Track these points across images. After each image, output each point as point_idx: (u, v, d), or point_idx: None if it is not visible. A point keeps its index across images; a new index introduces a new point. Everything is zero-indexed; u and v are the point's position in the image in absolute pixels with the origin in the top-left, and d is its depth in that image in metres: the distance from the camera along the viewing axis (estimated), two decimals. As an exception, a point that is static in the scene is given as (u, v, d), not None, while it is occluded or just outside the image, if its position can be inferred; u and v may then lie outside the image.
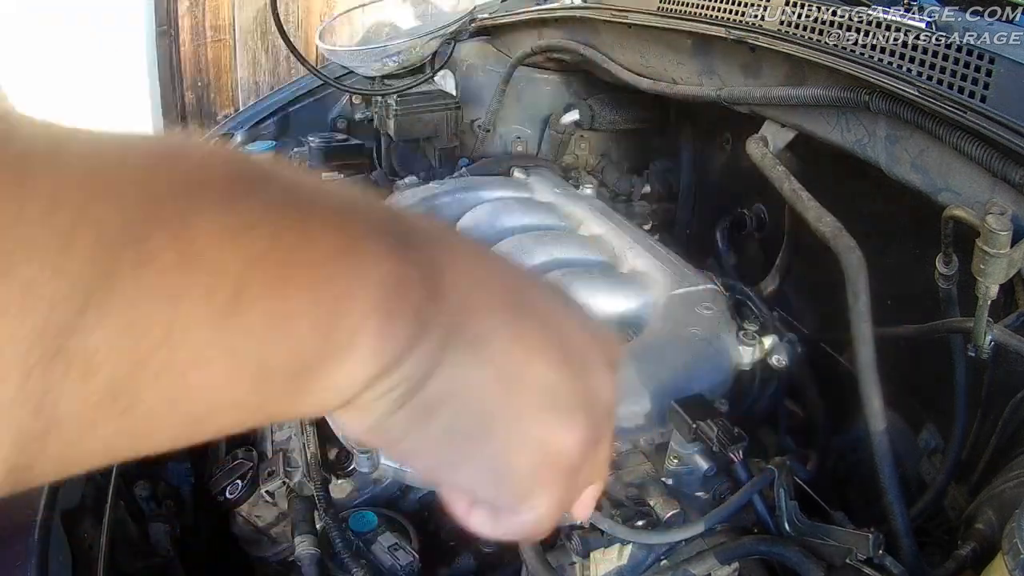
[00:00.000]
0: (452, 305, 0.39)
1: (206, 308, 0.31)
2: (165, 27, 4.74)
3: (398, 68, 2.11)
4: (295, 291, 0.33)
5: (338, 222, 0.36)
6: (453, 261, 0.41)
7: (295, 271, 0.33)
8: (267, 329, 0.33)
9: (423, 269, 0.38)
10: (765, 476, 0.85)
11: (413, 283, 0.38)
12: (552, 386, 0.42)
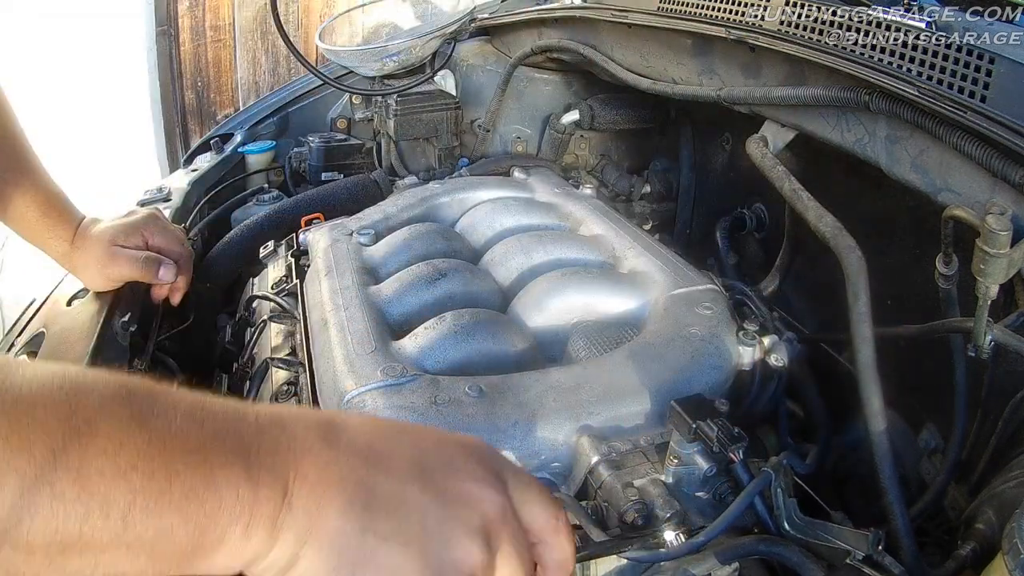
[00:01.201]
0: (299, 512, 0.51)
1: (104, 523, 0.46)
2: (165, 27, 4.74)
3: (398, 68, 2.11)
4: (170, 513, 0.47)
5: (199, 457, 0.49)
6: (302, 469, 0.53)
7: (168, 497, 0.47)
8: (153, 535, 0.47)
9: (274, 484, 0.51)
10: (761, 480, 0.85)
11: (264, 499, 0.50)
12: (398, 568, 0.53)
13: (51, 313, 1.38)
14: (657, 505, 0.85)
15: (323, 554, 0.52)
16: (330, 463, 0.54)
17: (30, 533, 0.44)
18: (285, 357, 1.30)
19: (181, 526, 0.47)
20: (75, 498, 0.45)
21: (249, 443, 0.52)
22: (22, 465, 0.44)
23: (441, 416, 0.97)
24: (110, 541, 0.46)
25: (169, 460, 0.48)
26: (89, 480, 0.45)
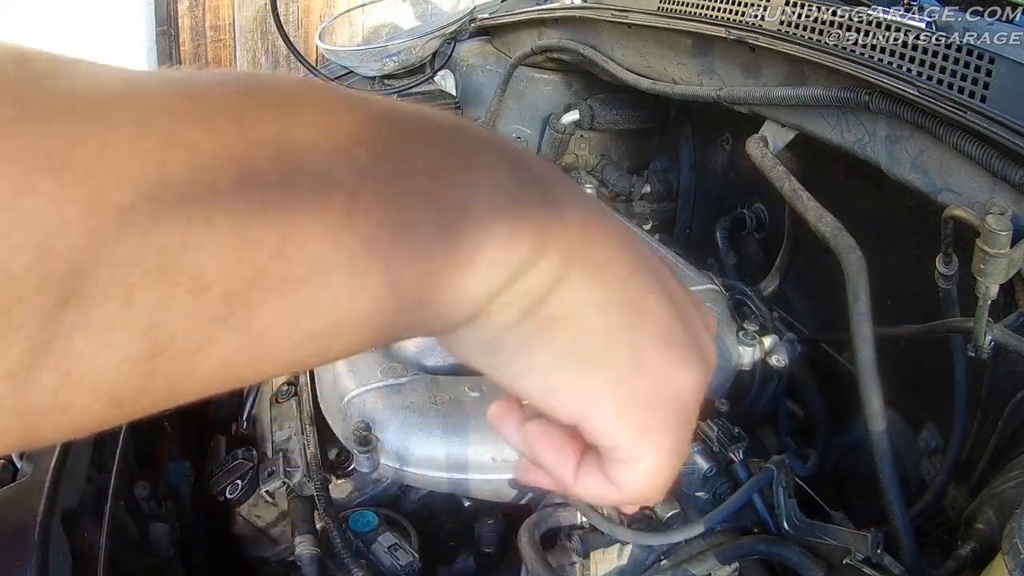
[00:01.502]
0: (572, 224, 0.38)
1: (320, 219, 0.30)
2: (165, 27, 4.74)
3: (398, 68, 2.11)
4: (412, 199, 0.32)
5: (443, 135, 0.35)
6: (566, 192, 0.39)
7: (409, 181, 0.32)
8: (388, 238, 0.31)
9: (538, 185, 0.37)
10: (764, 475, 0.85)
11: (532, 195, 0.37)
12: (669, 324, 0.41)
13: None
14: (657, 505, 0.85)
15: (593, 281, 0.39)
16: (592, 206, 0.41)
17: (203, 248, 0.28)
18: (285, 357, 1.30)
19: (427, 220, 0.33)
20: (278, 180, 0.29)
21: (504, 145, 0.38)
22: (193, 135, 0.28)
23: (441, 415, 0.97)
24: (323, 257, 0.30)
25: (401, 134, 0.34)
26: (297, 156, 0.29)
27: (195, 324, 0.28)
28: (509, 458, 0.96)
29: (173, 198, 0.27)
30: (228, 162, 0.28)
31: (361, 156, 0.31)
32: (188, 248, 0.27)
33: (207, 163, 0.27)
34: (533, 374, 0.39)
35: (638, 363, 0.39)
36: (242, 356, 0.30)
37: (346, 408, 1.02)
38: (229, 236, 0.28)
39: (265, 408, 1.30)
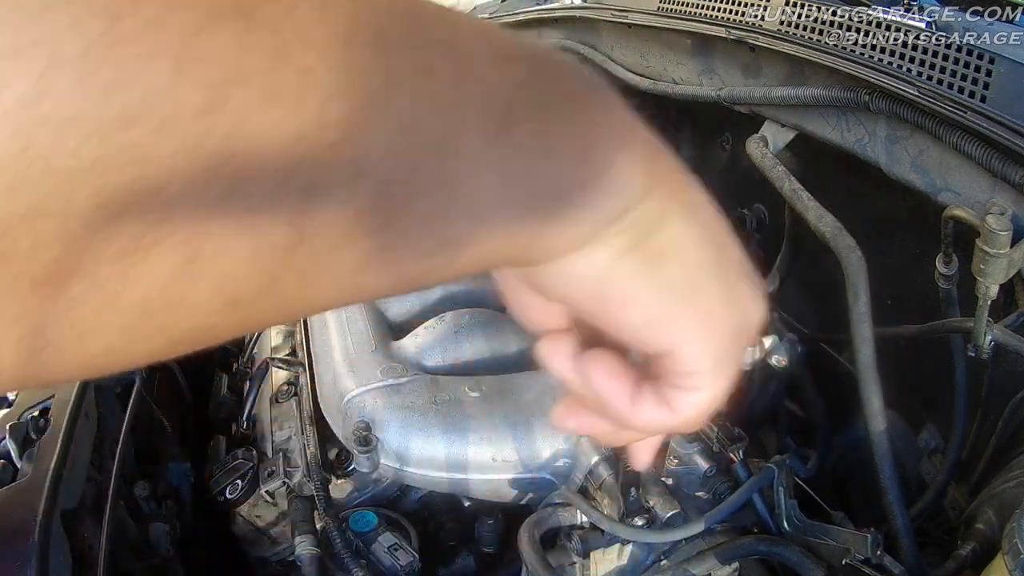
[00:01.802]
0: (670, 168, 0.41)
1: (479, 121, 0.31)
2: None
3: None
4: (555, 116, 0.34)
5: (573, 67, 0.37)
6: (656, 137, 0.41)
7: (553, 100, 0.34)
8: (533, 148, 0.33)
9: (642, 129, 0.40)
10: (765, 475, 0.85)
11: (641, 135, 0.39)
12: (743, 261, 0.46)
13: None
14: (657, 505, 0.85)
15: (691, 219, 0.42)
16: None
17: (371, 130, 0.29)
18: (285, 357, 1.30)
19: (566, 137, 0.35)
20: (449, 77, 0.31)
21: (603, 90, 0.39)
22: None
23: (441, 415, 0.97)
24: (479, 156, 0.32)
25: (544, 60, 0.36)
26: (466, 59, 0.32)
27: (343, 218, 0.28)
28: (509, 458, 0.96)
29: (352, 74, 0.27)
30: (405, 50, 0.29)
31: (515, 72, 0.33)
32: (353, 126, 0.27)
33: (385, 48, 0.28)
34: (635, 305, 0.40)
35: (729, 296, 0.44)
36: (385, 256, 0.31)
37: (346, 408, 1.02)
38: (396, 123, 0.28)
39: (265, 408, 1.30)
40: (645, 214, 0.39)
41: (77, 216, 0.23)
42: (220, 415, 1.43)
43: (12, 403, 1.16)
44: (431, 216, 0.31)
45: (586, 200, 0.36)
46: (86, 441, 1.07)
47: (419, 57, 0.29)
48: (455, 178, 0.31)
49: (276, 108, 0.25)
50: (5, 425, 1.05)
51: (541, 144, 0.33)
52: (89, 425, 1.10)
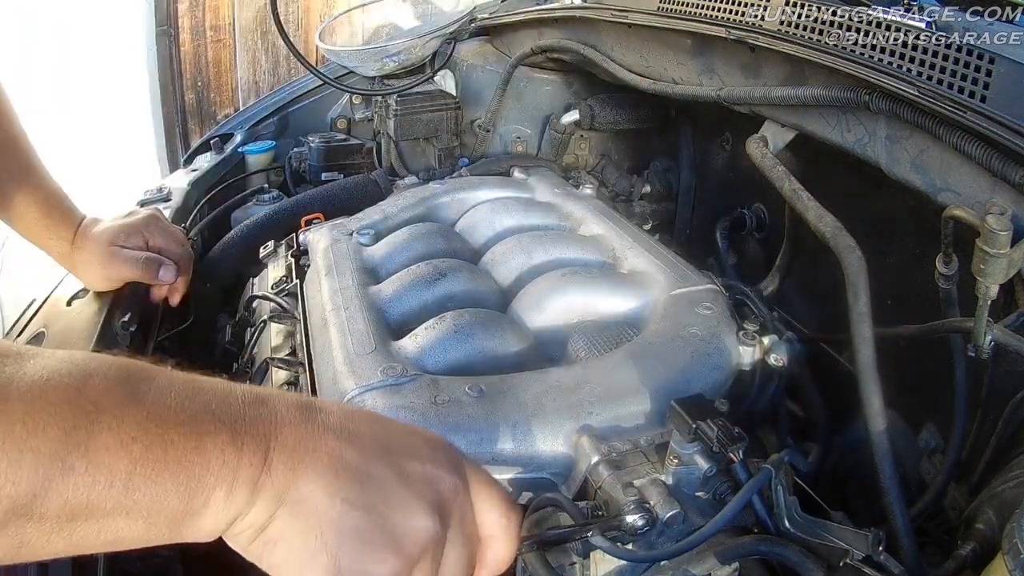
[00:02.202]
0: (277, 475, 0.58)
1: (108, 492, 0.52)
2: (165, 27, 4.74)
3: (398, 68, 2.11)
4: (165, 478, 0.54)
5: (191, 428, 0.56)
6: (282, 438, 0.60)
7: (163, 464, 0.54)
8: (150, 500, 0.54)
9: (256, 450, 0.58)
10: (761, 477, 0.85)
11: (246, 463, 0.57)
12: (361, 531, 0.59)
13: (51, 313, 1.38)
14: (657, 505, 0.85)
15: (295, 516, 0.59)
16: (306, 435, 0.61)
17: (43, 505, 0.51)
18: (285, 357, 1.30)
19: (174, 490, 0.54)
20: (84, 471, 0.51)
21: (235, 415, 0.59)
22: (37, 444, 0.50)
23: (441, 416, 0.97)
24: (113, 508, 0.53)
25: (164, 432, 0.55)
26: (96, 454, 0.52)
27: (39, 537, 0.53)
28: (509, 458, 0.96)
29: (29, 479, 0.51)
30: (54, 461, 0.51)
31: (133, 453, 0.53)
32: (40, 504, 0.52)
33: (44, 465, 0.51)
34: (275, 567, 0.61)
35: (336, 570, 0.59)
36: (64, 549, 0.54)
37: (346, 408, 1.02)
38: (61, 499, 0.52)
39: (265, 408, 1.30)
40: (255, 518, 0.58)
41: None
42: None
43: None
44: (91, 536, 0.55)
45: (194, 522, 0.57)
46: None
47: (64, 464, 0.51)
48: (100, 521, 0.55)
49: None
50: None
51: (154, 497, 0.54)
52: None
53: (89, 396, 0.53)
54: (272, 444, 0.59)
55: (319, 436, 0.62)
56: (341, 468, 0.61)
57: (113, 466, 0.52)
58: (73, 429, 0.51)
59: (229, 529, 0.59)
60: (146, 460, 0.53)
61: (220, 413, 0.58)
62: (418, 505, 0.63)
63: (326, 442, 0.62)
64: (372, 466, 0.62)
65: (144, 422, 0.54)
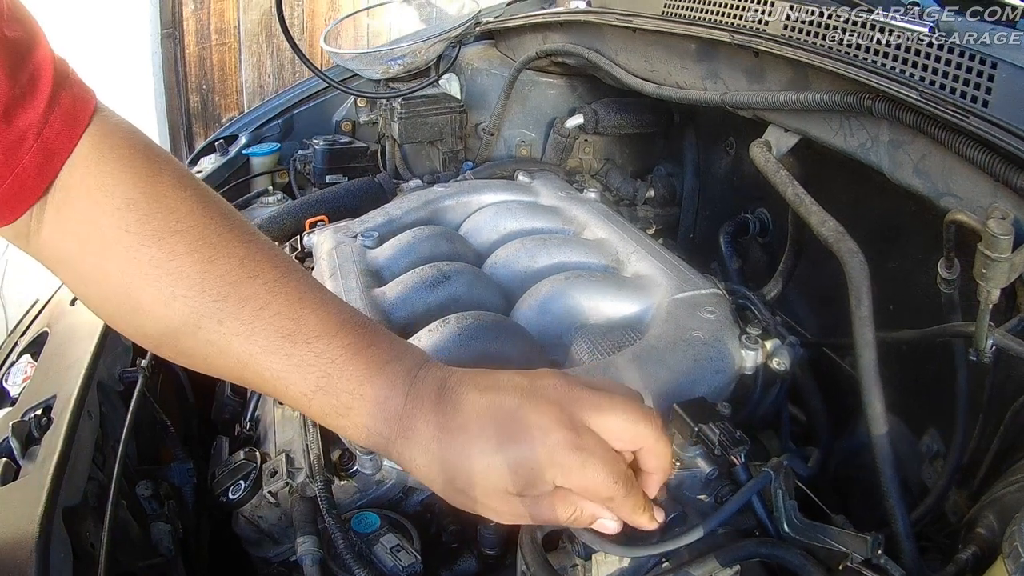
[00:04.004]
0: (408, 419, 0.73)
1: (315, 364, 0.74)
2: (170, 30, 4.75)
3: (403, 71, 2.12)
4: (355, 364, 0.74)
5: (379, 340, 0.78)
6: (420, 379, 0.75)
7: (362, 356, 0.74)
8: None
9: (400, 392, 0.74)
10: (761, 479, 0.85)
11: (393, 401, 0.73)
12: (504, 441, 0.70)
13: (54, 313, 1.39)
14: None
15: (417, 448, 0.73)
16: (445, 378, 0.76)
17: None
18: (288, 358, 1.30)
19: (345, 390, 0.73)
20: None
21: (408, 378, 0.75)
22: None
23: (443, 417, 0.97)
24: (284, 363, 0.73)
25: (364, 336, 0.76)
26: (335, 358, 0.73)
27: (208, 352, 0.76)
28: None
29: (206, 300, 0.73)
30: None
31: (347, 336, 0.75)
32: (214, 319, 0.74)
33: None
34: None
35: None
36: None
37: (349, 409, 1.02)
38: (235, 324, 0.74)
39: (269, 409, 1.30)
40: (387, 439, 0.74)
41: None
42: (223, 416, 1.43)
43: (15, 401, 1.17)
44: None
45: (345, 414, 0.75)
46: (88, 440, 1.08)
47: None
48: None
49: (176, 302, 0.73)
50: (7, 423, 1.05)
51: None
52: (91, 424, 1.11)
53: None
54: (413, 378, 0.75)
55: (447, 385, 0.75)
56: (455, 419, 0.73)
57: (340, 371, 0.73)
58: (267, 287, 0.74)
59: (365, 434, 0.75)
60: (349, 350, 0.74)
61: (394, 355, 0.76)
62: (544, 442, 0.70)
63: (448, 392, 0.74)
64: (505, 402, 0.72)
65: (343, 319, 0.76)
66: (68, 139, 0.70)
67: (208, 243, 0.73)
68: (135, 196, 0.72)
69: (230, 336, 0.72)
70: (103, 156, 0.72)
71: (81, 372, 1.15)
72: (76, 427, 1.04)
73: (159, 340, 0.76)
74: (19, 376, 1.26)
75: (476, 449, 0.70)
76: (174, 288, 0.71)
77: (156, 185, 0.73)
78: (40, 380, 1.19)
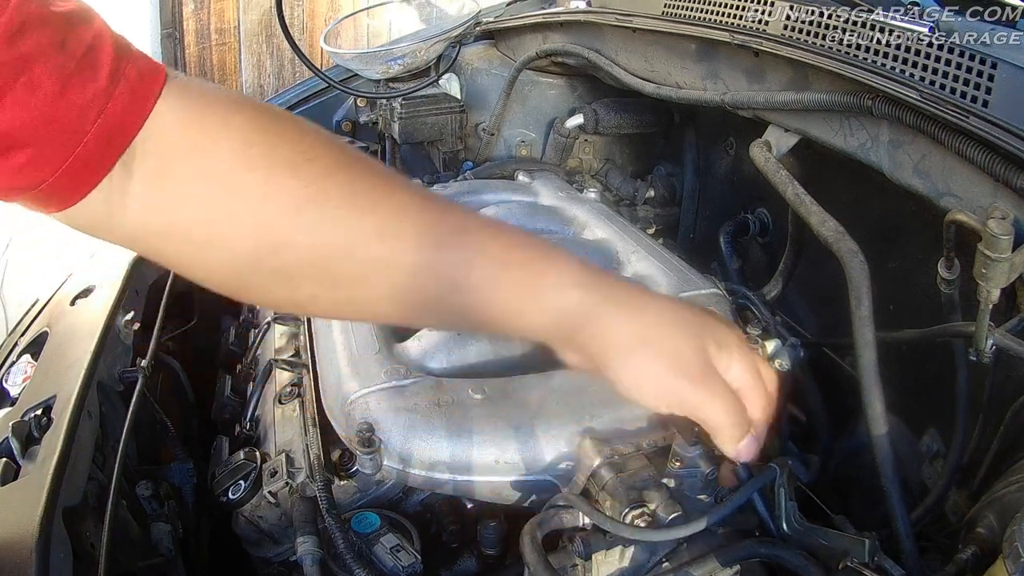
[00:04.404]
0: (601, 318, 0.78)
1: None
2: (170, 30, 4.75)
3: (403, 71, 2.12)
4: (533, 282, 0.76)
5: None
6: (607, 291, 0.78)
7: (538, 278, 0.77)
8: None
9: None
10: (767, 474, 0.85)
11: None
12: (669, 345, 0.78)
13: (55, 313, 1.39)
14: (659, 507, 0.85)
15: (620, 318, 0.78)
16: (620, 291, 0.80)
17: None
18: (289, 358, 1.30)
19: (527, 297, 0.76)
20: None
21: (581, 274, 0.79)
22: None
23: (444, 417, 0.97)
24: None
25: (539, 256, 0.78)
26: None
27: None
28: (512, 460, 0.96)
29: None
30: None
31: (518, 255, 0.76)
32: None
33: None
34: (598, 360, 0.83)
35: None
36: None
37: (349, 409, 1.03)
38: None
39: (269, 409, 1.30)
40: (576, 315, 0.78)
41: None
42: (223, 416, 1.43)
43: (15, 401, 1.17)
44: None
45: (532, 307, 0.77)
46: (88, 440, 1.08)
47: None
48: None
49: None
50: (7, 423, 1.05)
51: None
52: (91, 424, 1.11)
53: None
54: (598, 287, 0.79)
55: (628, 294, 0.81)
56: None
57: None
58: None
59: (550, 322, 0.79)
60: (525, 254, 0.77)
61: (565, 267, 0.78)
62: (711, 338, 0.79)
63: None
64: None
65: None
66: (137, 112, 0.66)
67: (344, 165, 0.72)
68: (253, 136, 0.69)
69: (395, 245, 0.71)
70: (201, 113, 0.69)
71: (81, 372, 1.15)
72: (76, 427, 1.04)
73: (306, 271, 0.72)
74: (19, 376, 1.26)
75: (670, 326, 0.78)
76: (321, 212, 0.69)
77: (271, 123, 0.71)
78: (40, 380, 1.19)
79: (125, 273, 1.44)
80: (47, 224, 1.06)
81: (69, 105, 0.62)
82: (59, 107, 0.61)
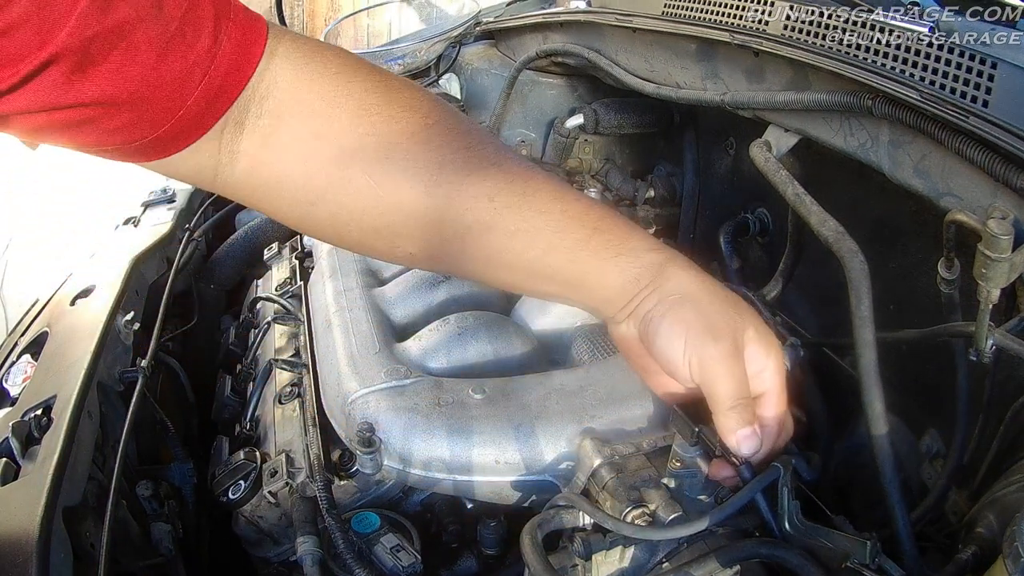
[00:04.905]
0: (665, 284, 0.82)
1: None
2: (171, 30, 4.74)
3: (403, 71, 2.12)
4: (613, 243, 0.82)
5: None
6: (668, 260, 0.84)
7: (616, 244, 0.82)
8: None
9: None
10: (771, 473, 0.85)
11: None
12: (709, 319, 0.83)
13: (55, 313, 1.39)
14: (659, 507, 0.85)
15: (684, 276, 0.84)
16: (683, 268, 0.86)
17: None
18: (289, 359, 1.30)
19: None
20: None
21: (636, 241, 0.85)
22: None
23: (445, 417, 0.97)
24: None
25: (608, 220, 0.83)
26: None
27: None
28: (512, 460, 0.96)
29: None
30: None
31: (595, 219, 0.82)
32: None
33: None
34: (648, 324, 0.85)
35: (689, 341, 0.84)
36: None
37: (349, 409, 1.03)
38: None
39: (268, 409, 1.30)
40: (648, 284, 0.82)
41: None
42: (223, 416, 1.43)
43: (15, 401, 1.17)
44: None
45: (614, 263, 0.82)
46: (88, 440, 1.08)
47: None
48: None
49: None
50: (7, 423, 1.05)
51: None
52: (91, 424, 1.11)
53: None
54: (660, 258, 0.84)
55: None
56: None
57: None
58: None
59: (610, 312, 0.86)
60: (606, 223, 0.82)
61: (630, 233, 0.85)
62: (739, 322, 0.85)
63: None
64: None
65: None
66: (242, 74, 0.66)
67: (460, 132, 0.74)
68: (370, 100, 0.71)
69: (502, 209, 0.75)
70: (319, 75, 0.70)
71: (81, 372, 1.15)
72: (76, 427, 1.04)
73: (411, 231, 0.76)
74: (19, 376, 1.26)
75: (723, 300, 0.85)
76: (436, 176, 0.72)
77: (387, 88, 0.73)
78: (40, 380, 1.19)
79: (125, 273, 1.44)
80: (47, 224, 1.06)
81: (170, 70, 0.61)
82: (160, 73, 0.60)
